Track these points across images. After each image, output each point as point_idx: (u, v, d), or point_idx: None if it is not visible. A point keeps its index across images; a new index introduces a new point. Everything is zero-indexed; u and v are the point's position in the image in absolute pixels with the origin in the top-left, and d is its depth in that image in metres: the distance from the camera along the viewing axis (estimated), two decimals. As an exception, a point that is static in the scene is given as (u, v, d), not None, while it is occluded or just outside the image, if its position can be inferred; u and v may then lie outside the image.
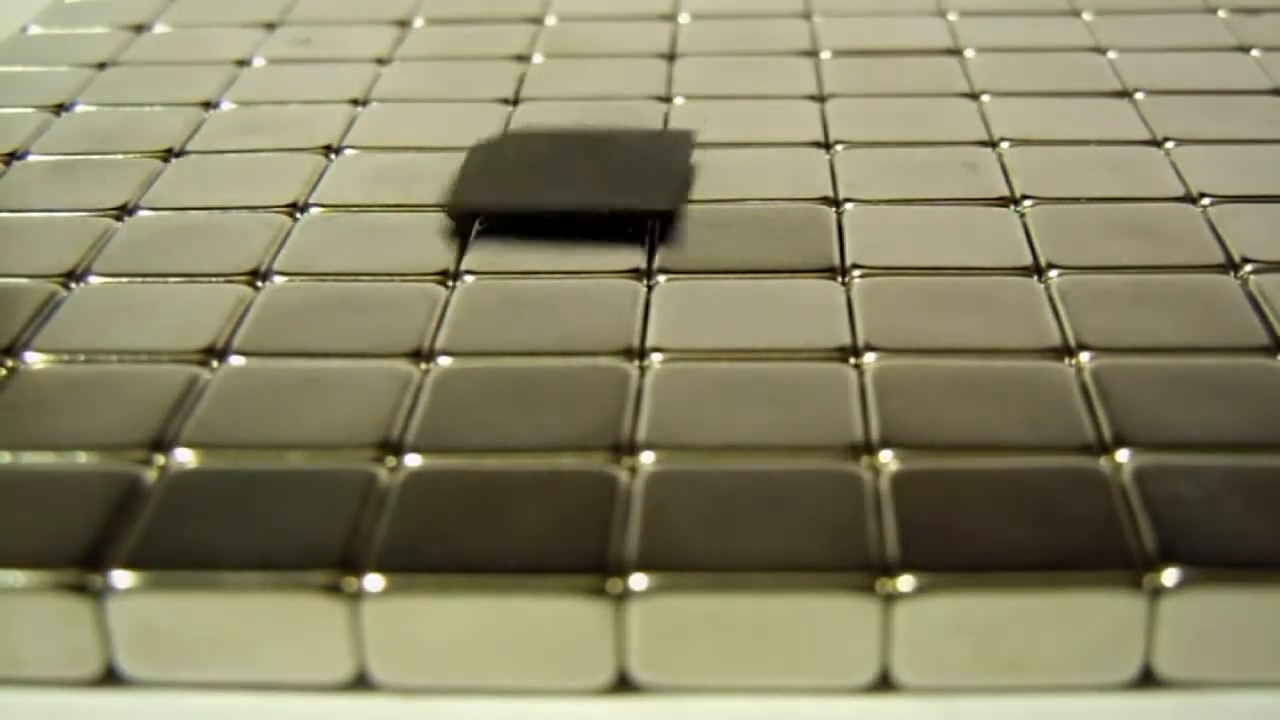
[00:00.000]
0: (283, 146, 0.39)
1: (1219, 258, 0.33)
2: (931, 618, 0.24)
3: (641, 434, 0.27)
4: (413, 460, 0.27)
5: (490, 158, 0.37)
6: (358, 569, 0.24)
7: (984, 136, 0.39)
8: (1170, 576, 0.24)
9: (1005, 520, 0.25)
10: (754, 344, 0.30)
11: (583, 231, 0.34)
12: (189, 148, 0.39)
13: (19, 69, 0.45)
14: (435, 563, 0.25)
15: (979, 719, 0.24)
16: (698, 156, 0.38)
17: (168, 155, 0.39)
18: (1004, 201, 0.35)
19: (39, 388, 0.29)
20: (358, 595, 0.24)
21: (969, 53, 0.45)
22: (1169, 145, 0.38)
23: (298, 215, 0.36)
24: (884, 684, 0.24)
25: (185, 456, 0.27)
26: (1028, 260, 0.33)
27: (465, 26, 0.48)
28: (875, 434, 0.27)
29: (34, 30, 0.48)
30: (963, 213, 0.35)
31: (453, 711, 0.25)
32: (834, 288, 0.32)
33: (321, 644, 0.24)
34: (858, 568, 0.24)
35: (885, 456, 0.27)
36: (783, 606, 0.24)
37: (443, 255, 0.33)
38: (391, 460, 0.27)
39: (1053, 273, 0.32)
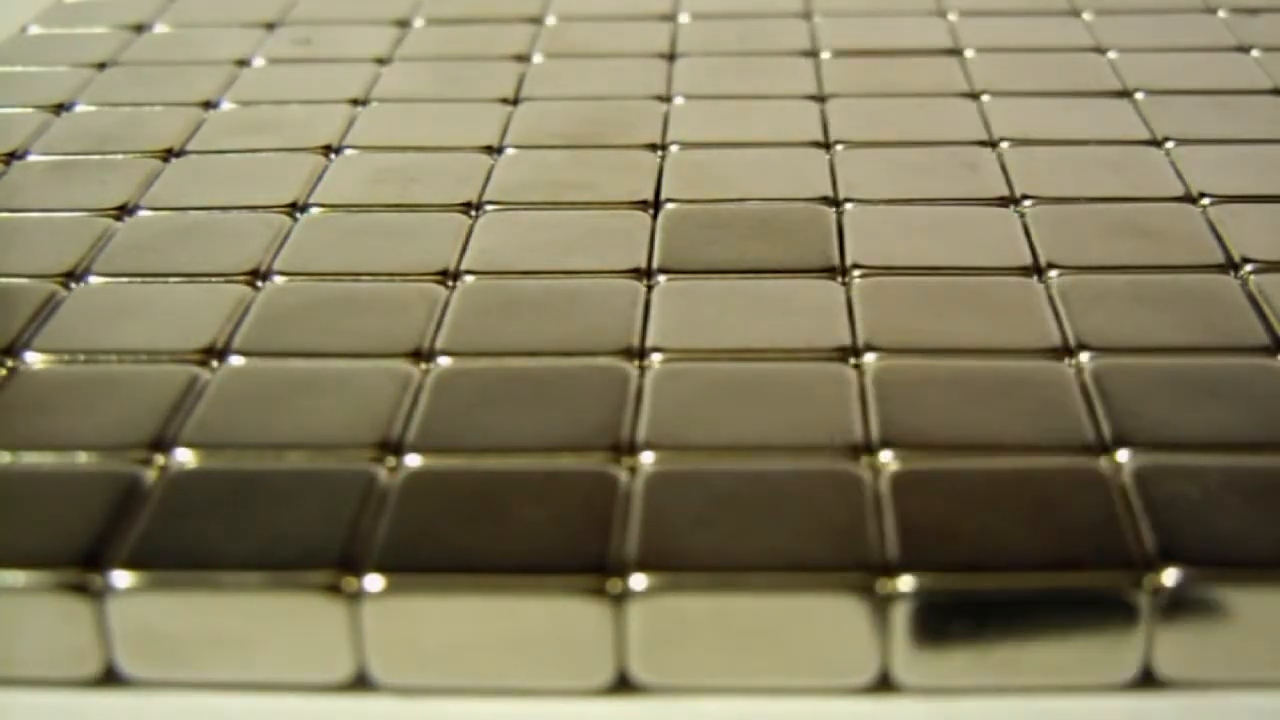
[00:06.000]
0: (283, 146, 0.39)
1: (1219, 258, 0.33)
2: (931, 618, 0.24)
3: (641, 434, 0.27)
4: (413, 460, 0.27)
5: None
6: (358, 569, 0.24)
7: (984, 136, 0.39)
8: (1170, 576, 0.24)
9: (1005, 520, 0.25)
10: (754, 344, 0.30)
11: None
12: (189, 148, 0.39)
13: (19, 69, 0.45)
14: (435, 563, 0.25)
15: (979, 719, 0.24)
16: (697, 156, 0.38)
17: (168, 155, 0.39)
18: (1004, 201, 0.35)
19: (39, 388, 0.29)
20: (358, 595, 0.24)
21: (969, 53, 0.45)
22: (1169, 145, 0.38)
23: (298, 215, 0.36)
24: (884, 684, 0.24)
25: (185, 456, 0.27)
26: (1028, 260, 0.33)
27: (465, 26, 0.48)
28: (875, 434, 0.27)
29: (34, 30, 0.48)
30: (963, 213, 0.35)
31: (453, 711, 0.25)
32: (834, 288, 0.32)
33: (321, 644, 0.24)
34: (858, 568, 0.24)
35: (885, 456, 0.27)
36: (783, 606, 0.24)
37: (443, 255, 0.33)
38: (391, 460, 0.27)
39: (1053, 273, 0.32)
